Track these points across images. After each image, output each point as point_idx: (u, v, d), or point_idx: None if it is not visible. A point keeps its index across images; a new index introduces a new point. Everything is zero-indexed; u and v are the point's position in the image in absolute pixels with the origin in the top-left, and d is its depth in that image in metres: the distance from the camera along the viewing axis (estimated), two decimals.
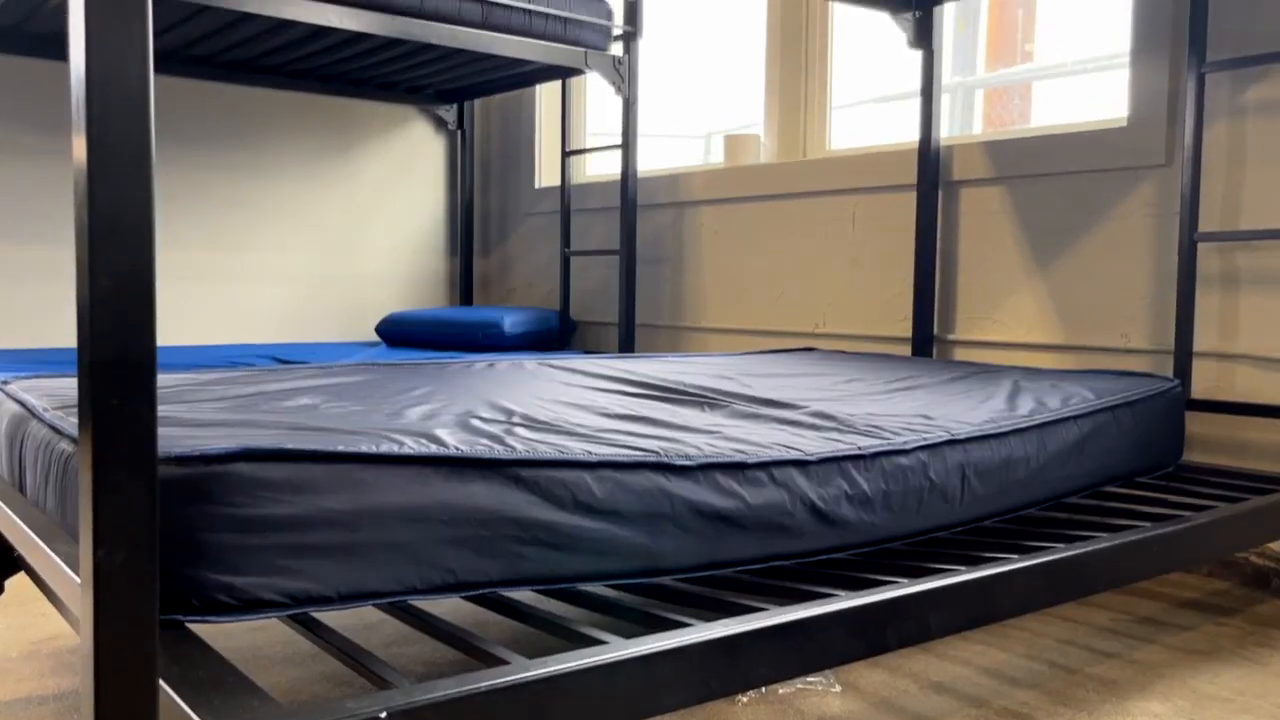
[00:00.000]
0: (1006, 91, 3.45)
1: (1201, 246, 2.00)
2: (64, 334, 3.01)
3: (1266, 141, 1.94)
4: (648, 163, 3.32)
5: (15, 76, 2.88)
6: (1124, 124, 2.14)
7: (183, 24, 2.63)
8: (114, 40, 0.60)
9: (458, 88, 3.50)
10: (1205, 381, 2.01)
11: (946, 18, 2.44)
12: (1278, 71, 1.92)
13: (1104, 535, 1.30)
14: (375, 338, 3.55)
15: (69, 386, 1.40)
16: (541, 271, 3.66)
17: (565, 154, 3.39)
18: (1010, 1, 3.27)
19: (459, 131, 3.69)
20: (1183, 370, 1.98)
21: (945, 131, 2.52)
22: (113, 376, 0.60)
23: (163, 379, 1.53)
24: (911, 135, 2.52)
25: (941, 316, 2.45)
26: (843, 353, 2.38)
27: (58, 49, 2.84)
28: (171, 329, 3.18)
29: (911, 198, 2.50)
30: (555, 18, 2.87)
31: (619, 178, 3.05)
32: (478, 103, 3.81)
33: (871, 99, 3.41)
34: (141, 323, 0.59)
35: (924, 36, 2.35)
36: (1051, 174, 2.24)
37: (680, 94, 3.77)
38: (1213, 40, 1.98)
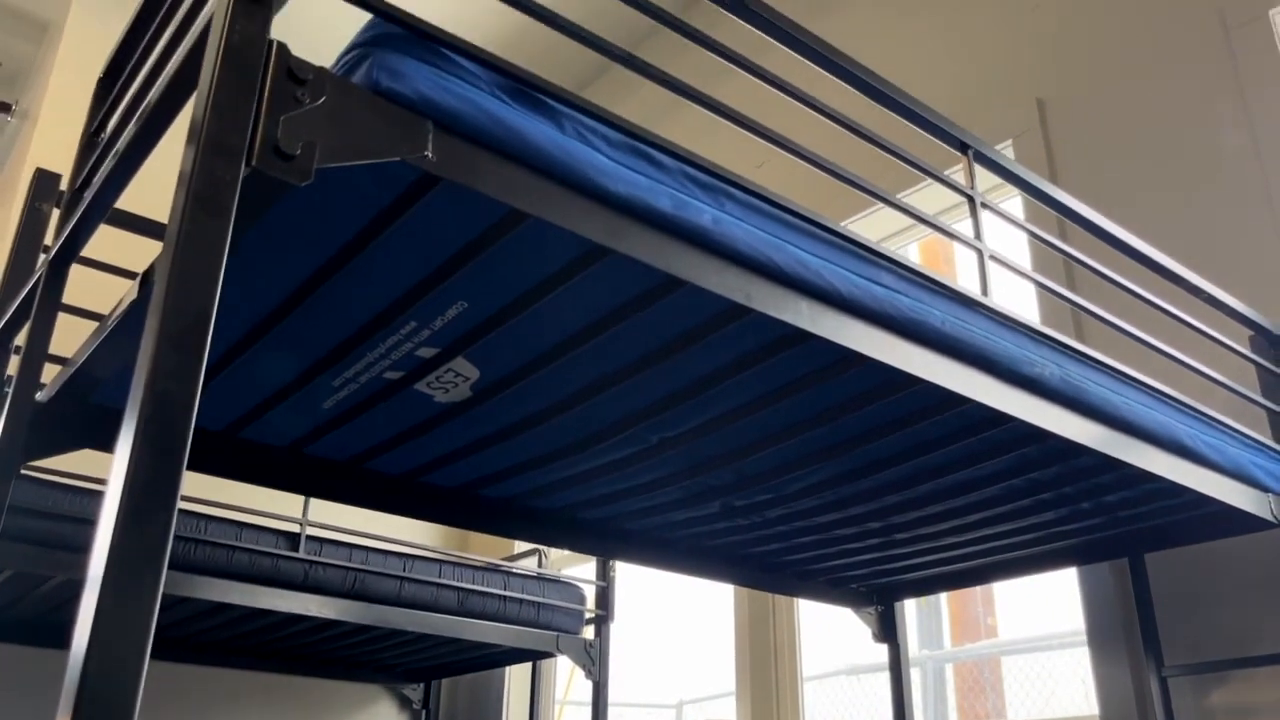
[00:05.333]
0: (976, 666, 3.46)
1: None
2: None
3: None
4: None
5: None
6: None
7: (160, 613, 2.67)
8: (116, 635, 0.63)
9: (426, 667, 3.47)
10: None
11: (909, 607, 2.53)
12: (1236, 677, 1.95)
13: None
14: None
15: None
16: None
17: None
18: None
19: (424, 710, 3.60)
20: None
21: (919, 715, 2.48)
22: None
23: None
24: (885, 708, 2.47)
25: None
26: None
27: (23, 634, 2.81)
28: None
29: None
30: (529, 603, 2.95)
31: None
32: (445, 679, 3.76)
33: (843, 670, 3.40)
34: None
35: (888, 630, 2.42)
36: None
37: (651, 661, 3.76)
38: (1167, 643, 2.04)
